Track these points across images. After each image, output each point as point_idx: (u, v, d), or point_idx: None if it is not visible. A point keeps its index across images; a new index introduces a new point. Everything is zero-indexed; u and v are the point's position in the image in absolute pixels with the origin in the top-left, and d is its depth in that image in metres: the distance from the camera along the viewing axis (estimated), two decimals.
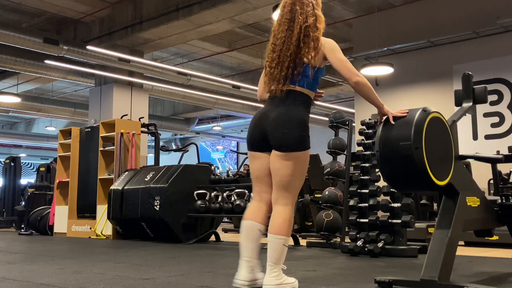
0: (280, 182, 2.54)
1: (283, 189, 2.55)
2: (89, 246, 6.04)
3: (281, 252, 2.48)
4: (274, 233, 2.50)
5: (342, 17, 10.42)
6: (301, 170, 2.57)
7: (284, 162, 2.52)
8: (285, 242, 2.50)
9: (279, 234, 2.49)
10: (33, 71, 11.33)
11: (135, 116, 10.54)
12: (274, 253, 2.47)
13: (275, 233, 2.49)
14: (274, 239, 2.49)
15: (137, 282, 3.00)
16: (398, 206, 4.61)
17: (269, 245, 2.50)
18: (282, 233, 2.49)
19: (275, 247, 2.48)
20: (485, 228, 3.08)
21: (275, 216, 2.54)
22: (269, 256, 2.49)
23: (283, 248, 2.49)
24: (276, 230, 2.50)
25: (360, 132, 5.30)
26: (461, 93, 3.16)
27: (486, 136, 8.48)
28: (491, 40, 8.60)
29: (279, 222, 2.51)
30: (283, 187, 2.55)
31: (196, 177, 6.83)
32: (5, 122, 21.25)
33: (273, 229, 2.51)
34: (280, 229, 2.50)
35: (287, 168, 2.52)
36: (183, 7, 8.80)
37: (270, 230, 2.52)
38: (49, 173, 11.14)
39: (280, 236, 2.48)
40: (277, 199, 2.58)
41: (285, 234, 2.50)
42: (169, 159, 19.28)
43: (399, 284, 2.70)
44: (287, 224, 2.51)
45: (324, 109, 15.48)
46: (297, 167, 2.54)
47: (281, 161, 2.53)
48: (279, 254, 2.48)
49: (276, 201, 2.57)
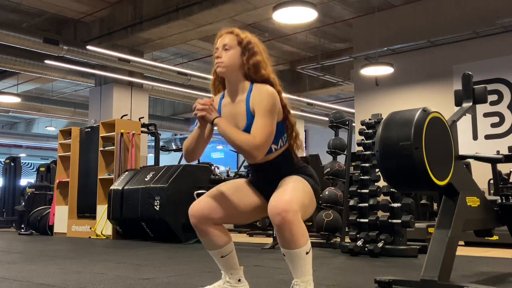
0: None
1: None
2: (89, 246, 6.04)
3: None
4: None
5: (342, 17, 10.42)
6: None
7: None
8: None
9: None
10: (33, 71, 11.34)
11: (135, 116, 10.54)
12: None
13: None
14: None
15: (137, 282, 3.00)
16: (398, 206, 4.61)
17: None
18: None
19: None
20: (485, 228, 3.08)
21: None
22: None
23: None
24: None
25: (360, 132, 5.30)
26: (461, 93, 3.16)
27: (486, 136, 8.48)
28: (491, 40, 8.59)
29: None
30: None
31: (196, 177, 6.83)
32: (5, 122, 21.24)
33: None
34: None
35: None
36: (183, 7, 8.80)
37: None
38: (49, 173, 11.15)
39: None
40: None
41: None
42: (169, 159, 19.27)
43: (399, 284, 2.70)
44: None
45: (324, 109, 15.48)
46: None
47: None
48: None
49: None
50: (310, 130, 20.26)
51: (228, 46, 2.26)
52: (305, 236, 2.09)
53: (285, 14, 7.16)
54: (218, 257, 2.33)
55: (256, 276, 3.24)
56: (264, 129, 2.14)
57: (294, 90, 13.72)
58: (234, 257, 2.36)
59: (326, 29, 11.11)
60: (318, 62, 11.08)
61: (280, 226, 2.03)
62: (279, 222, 2.02)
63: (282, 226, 2.03)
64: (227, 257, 2.33)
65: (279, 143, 2.27)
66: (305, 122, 16.97)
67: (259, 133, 2.13)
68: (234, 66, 2.25)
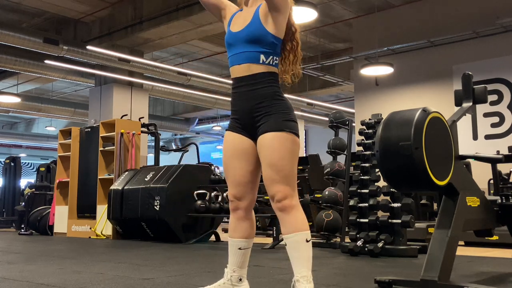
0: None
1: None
2: (89, 246, 6.04)
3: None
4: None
5: (342, 17, 10.42)
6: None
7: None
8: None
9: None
10: (33, 71, 11.33)
11: (135, 116, 10.54)
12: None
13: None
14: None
15: (137, 282, 3.00)
16: (398, 206, 4.61)
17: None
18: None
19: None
20: (485, 228, 3.08)
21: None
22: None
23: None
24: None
25: (360, 132, 5.30)
26: (461, 93, 3.16)
27: (486, 136, 8.48)
28: (491, 40, 8.59)
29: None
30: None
31: (196, 177, 6.83)
32: (5, 122, 21.24)
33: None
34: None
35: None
36: (183, 7, 8.80)
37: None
38: (49, 173, 11.14)
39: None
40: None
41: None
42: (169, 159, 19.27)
43: (399, 284, 2.70)
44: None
45: (324, 109, 15.48)
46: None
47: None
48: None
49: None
50: (310, 130, 20.26)
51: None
52: (305, 222, 2.23)
53: None
54: (236, 248, 2.37)
55: (256, 276, 3.24)
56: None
57: (294, 90, 13.73)
58: (248, 255, 2.42)
59: (326, 29, 11.11)
60: (318, 62, 11.08)
61: (282, 211, 2.21)
62: (280, 208, 2.21)
63: (283, 210, 2.20)
64: (243, 252, 2.38)
65: (268, 58, 2.30)
66: (305, 122, 16.97)
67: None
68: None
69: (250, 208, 2.41)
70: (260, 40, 2.28)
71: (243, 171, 2.35)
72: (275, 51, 2.31)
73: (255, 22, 2.29)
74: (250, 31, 2.29)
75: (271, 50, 2.30)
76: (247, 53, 2.30)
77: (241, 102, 2.34)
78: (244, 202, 2.37)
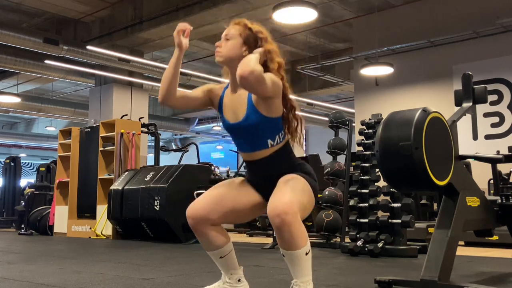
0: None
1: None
2: (89, 246, 6.04)
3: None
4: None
5: (342, 17, 10.42)
6: None
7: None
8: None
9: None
10: (33, 71, 11.33)
11: (135, 116, 10.54)
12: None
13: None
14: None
15: (137, 282, 3.00)
16: (398, 206, 4.61)
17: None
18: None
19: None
20: (485, 228, 3.08)
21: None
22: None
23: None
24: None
25: (360, 132, 5.30)
26: (461, 93, 3.16)
27: (486, 136, 8.48)
28: (491, 40, 8.59)
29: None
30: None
31: (196, 177, 6.82)
32: (5, 122, 21.24)
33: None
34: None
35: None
36: (183, 7, 8.80)
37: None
38: (49, 173, 11.15)
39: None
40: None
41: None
42: (169, 159, 19.27)
43: (399, 284, 2.70)
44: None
45: (324, 109, 15.47)
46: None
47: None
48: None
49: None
50: (310, 130, 20.26)
51: (229, 36, 2.27)
52: (305, 237, 2.07)
53: (285, 14, 7.16)
54: (217, 258, 2.33)
55: (256, 276, 3.24)
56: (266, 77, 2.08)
57: (294, 90, 13.71)
58: (233, 257, 2.35)
59: (326, 29, 11.11)
60: (318, 62, 11.08)
61: (279, 228, 2.01)
62: (279, 223, 2.00)
63: (281, 227, 2.01)
64: (226, 258, 2.32)
65: (275, 139, 2.26)
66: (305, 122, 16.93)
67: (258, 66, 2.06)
68: (232, 56, 2.24)
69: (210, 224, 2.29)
70: (263, 129, 2.23)
71: (237, 199, 2.30)
72: (278, 128, 2.26)
73: (252, 112, 2.21)
74: (250, 125, 2.23)
75: (276, 131, 2.25)
76: (254, 143, 2.26)
77: (257, 178, 2.34)
78: (209, 220, 2.25)
